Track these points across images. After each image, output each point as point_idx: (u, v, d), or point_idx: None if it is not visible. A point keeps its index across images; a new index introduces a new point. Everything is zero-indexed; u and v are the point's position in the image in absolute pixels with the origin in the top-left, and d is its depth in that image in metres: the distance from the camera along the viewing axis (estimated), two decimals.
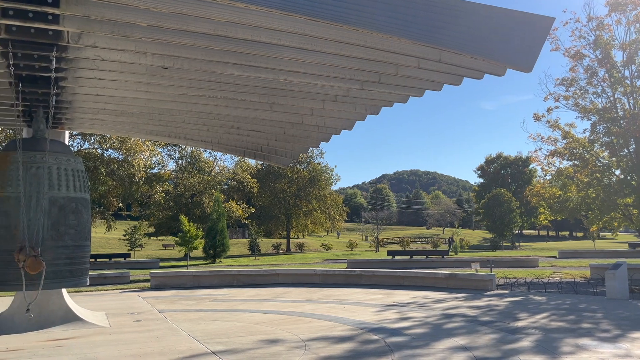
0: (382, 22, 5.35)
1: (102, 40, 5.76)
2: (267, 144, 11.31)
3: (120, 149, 41.56)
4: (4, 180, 6.61)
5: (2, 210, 6.52)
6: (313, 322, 9.95)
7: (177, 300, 14.06)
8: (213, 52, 6.17)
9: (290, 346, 7.85)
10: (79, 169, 7.31)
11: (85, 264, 7.43)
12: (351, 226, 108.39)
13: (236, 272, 18.94)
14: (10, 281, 6.30)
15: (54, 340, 8.53)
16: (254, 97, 8.18)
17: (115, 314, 11.46)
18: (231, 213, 50.28)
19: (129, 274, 20.83)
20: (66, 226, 6.89)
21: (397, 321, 9.96)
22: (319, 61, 6.47)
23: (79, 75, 7.00)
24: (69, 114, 9.34)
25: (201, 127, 10.33)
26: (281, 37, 5.67)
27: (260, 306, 12.39)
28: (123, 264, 33.10)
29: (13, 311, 9.66)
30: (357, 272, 18.06)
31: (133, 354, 7.48)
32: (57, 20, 5.11)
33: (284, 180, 61.73)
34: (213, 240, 40.02)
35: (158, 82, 7.51)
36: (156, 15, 5.09)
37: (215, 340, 8.29)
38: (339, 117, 9.18)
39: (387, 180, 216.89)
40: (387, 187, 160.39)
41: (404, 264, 28.60)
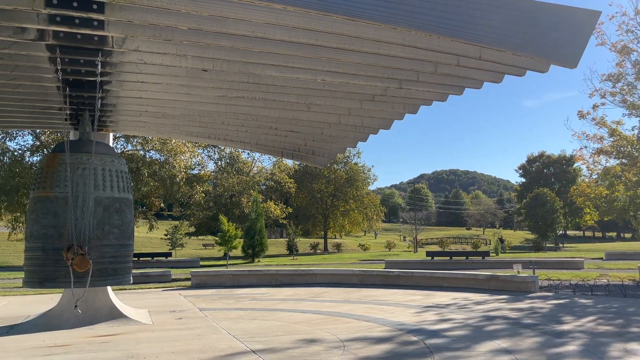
0: (420, 19, 5.30)
1: (144, 44, 5.90)
2: (304, 145, 11.36)
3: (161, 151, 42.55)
4: (52, 181, 6.86)
5: (51, 210, 6.77)
6: (351, 323, 9.92)
7: (217, 298, 14.28)
8: (251, 53, 6.24)
9: (328, 346, 7.85)
10: (123, 170, 7.52)
11: (129, 262, 7.64)
12: (389, 226, 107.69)
13: (274, 272, 19.09)
14: (59, 279, 6.55)
15: (99, 337, 8.80)
16: (292, 98, 8.22)
17: (157, 311, 11.72)
18: (269, 213, 50.78)
19: (171, 273, 21.28)
20: (111, 225, 7.09)
21: (436, 323, 9.82)
22: (357, 61, 6.45)
23: (122, 78, 7.19)
24: (113, 117, 9.61)
25: (240, 128, 10.46)
26: (319, 37, 5.68)
27: (298, 306, 12.44)
28: (165, 262, 33.85)
29: (61, 308, 10.02)
30: (396, 272, 17.91)
31: (175, 351, 7.63)
32: (102, 26, 5.27)
33: (321, 181, 61.88)
34: (252, 240, 40.49)
35: (198, 84, 7.64)
36: (196, 18, 5.19)
37: (255, 339, 8.37)
38: (377, 116, 9.13)
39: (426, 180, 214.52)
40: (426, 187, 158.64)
41: (443, 265, 28.21)
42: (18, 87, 7.47)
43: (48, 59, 6.24)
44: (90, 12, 4.90)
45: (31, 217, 7.06)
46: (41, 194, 6.88)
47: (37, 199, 6.94)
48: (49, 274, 6.61)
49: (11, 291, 17.49)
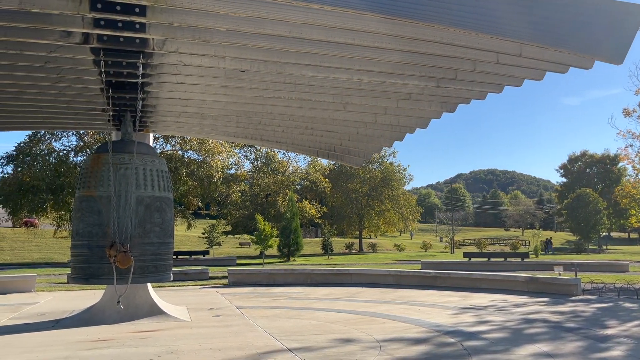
0: (459, 17, 5.22)
1: (184, 46, 6.02)
2: (340, 144, 11.35)
3: (199, 151, 43.29)
4: (96, 181, 7.08)
5: (95, 209, 6.98)
6: (387, 323, 9.87)
7: (253, 297, 14.43)
8: (288, 54, 6.27)
9: (364, 346, 7.83)
10: (163, 170, 7.69)
11: (169, 260, 7.81)
12: (425, 227, 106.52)
13: (310, 271, 19.15)
14: (103, 275, 6.75)
15: (140, 332, 9.02)
16: (328, 98, 8.23)
17: (195, 308, 11.94)
18: (304, 212, 50.94)
19: (208, 271, 21.61)
20: (152, 224, 7.26)
21: (474, 324, 9.67)
22: (394, 59, 6.41)
23: (162, 80, 7.35)
24: (153, 118, 9.84)
25: (276, 128, 10.53)
26: (355, 36, 5.67)
27: (334, 305, 12.45)
28: (202, 261, 34.42)
29: (104, 304, 10.32)
30: (432, 273, 17.71)
31: (213, 347, 7.76)
32: (143, 29, 5.39)
33: (356, 180, 61.69)
34: (287, 239, 40.74)
35: (236, 85, 7.73)
36: (235, 19, 5.25)
37: (291, 338, 8.43)
38: (414, 115, 9.04)
39: (463, 180, 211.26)
40: (463, 187, 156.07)
41: (481, 266, 27.71)
42: (64, 90, 7.73)
43: (92, 62, 6.43)
44: (132, 15, 5.02)
45: (76, 215, 7.30)
46: (86, 193, 7.11)
47: (82, 198, 7.17)
48: (93, 271, 6.83)
49: (57, 286, 18.11)
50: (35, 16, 5.16)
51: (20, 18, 5.17)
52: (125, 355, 7.24)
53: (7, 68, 6.70)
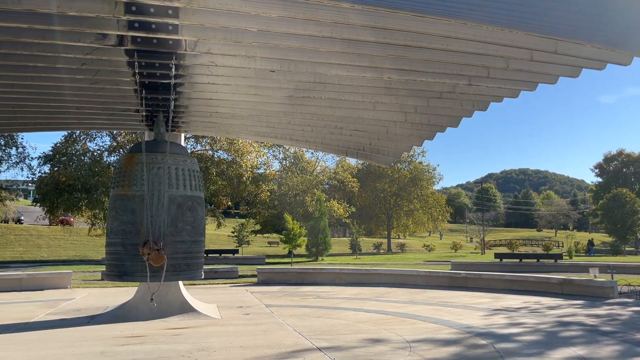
0: (492, 14, 5.15)
1: (215, 46, 6.09)
2: (369, 143, 11.31)
3: (229, 150, 43.77)
4: (130, 180, 7.22)
5: (128, 208, 7.13)
6: (417, 324, 9.78)
7: (282, 295, 14.50)
8: (318, 53, 6.28)
9: (394, 346, 7.78)
10: (195, 169, 7.80)
11: (200, 258, 7.91)
12: (454, 227, 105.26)
13: (338, 271, 19.13)
14: (136, 273, 6.89)
15: (172, 329, 9.17)
16: (357, 97, 8.21)
17: (225, 306, 12.06)
18: (332, 212, 50.97)
19: (238, 269, 21.81)
20: (184, 222, 7.37)
21: (506, 326, 9.50)
22: (425, 57, 6.35)
23: (194, 80, 7.46)
24: (185, 118, 9.98)
25: (306, 127, 10.56)
26: (386, 35, 5.64)
27: (363, 305, 12.41)
28: (232, 259, 34.75)
29: (137, 300, 10.52)
30: (463, 274, 17.48)
31: (243, 345, 7.83)
32: (176, 30, 5.48)
33: (384, 180, 61.39)
34: (315, 239, 40.82)
35: (266, 85, 7.79)
36: (265, 20, 5.29)
37: (320, 337, 8.43)
38: (444, 114, 8.95)
39: (494, 179, 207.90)
40: (494, 186, 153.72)
41: (512, 268, 27.22)
42: (99, 91, 7.92)
43: (126, 63, 6.57)
44: (165, 17, 5.11)
45: (111, 214, 7.47)
46: (120, 192, 7.27)
47: (116, 196, 7.33)
48: (127, 268, 6.97)
49: (91, 283, 18.56)
50: (73, 19, 5.30)
51: (58, 21, 5.32)
52: (157, 352, 7.37)
53: (46, 70, 6.90)
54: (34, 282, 16.18)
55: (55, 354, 7.24)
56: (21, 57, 6.40)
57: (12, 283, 15.87)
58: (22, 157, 42.44)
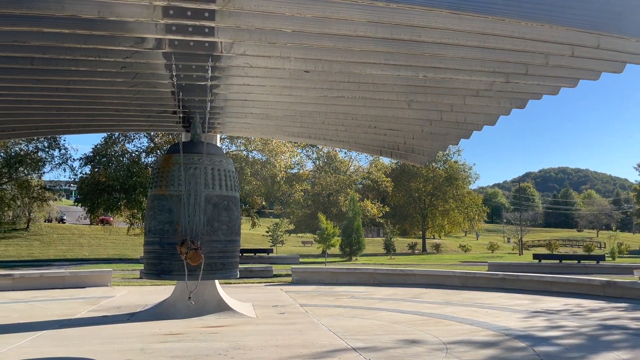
0: (531, 9, 5.03)
1: (250, 48, 6.14)
2: (404, 143, 11.20)
3: (263, 151, 44.21)
4: (167, 180, 7.36)
5: (166, 207, 7.26)
6: (453, 325, 9.65)
7: (316, 295, 14.53)
8: (353, 53, 6.26)
9: (430, 348, 7.70)
10: (230, 170, 7.88)
11: (236, 257, 8.00)
12: (491, 227, 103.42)
13: (373, 271, 19.05)
14: (174, 271, 7.01)
15: (209, 327, 9.31)
16: (392, 96, 8.15)
17: (260, 305, 12.17)
18: (366, 212, 50.84)
19: (272, 269, 21.98)
20: (219, 222, 7.46)
21: (546, 329, 9.27)
22: (461, 55, 6.25)
23: (230, 82, 7.54)
24: (220, 119, 10.11)
25: (339, 127, 10.54)
26: (421, 33, 5.57)
27: (397, 306, 12.32)
28: (266, 258, 35.06)
29: (175, 299, 10.72)
30: (500, 275, 17.15)
31: (278, 344, 7.88)
32: (212, 33, 5.55)
33: (419, 179, 60.82)
34: (349, 238, 40.78)
35: (300, 85, 7.81)
36: (300, 20, 5.30)
37: (355, 337, 8.41)
38: (481, 112, 8.78)
39: (532, 178, 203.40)
40: (532, 186, 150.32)
41: (552, 269, 26.57)
42: (137, 93, 8.10)
43: (164, 66, 6.69)
44: (202, 19, 5.18)
45: (149, 213, 7.63)
46: (158, 192, 7.41)
47: (154, 196, 7.48)
48: (165, 267, 7.11)
49: (130, 281, 19.02)
50: (113, 24, 5.43)
51: (99, 26, 5.46)
52: (195, 350, 7.49)
53: (87, 74, 7.09)
54: (76, 279, 16.70)
55: (97, 350, 7.44)
56: (64, 62, 6.60)
57: (55, 280, 16.42)
58: (65, 158, 43.93)
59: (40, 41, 5.81)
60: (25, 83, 7.49)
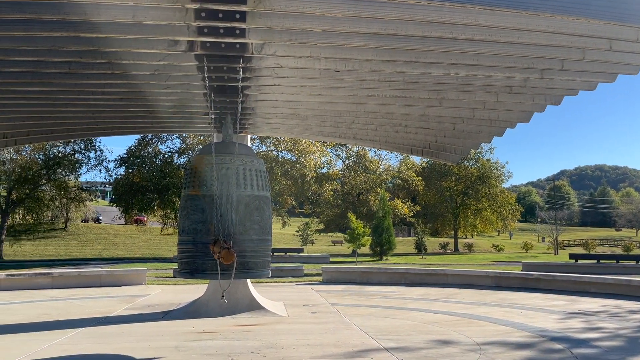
0: (566, 3, 4.91)
1: (281, 48, 6.16)
2: (435, 141, 11.08)
3: (292, 151, 44.40)
4: (200, 180, 7.44)
5: (199, 207, 7.35)
6: (487, 326, 9.50)
7: (347, 295, 14.51)
8: (383, 51, 6.22)
9: (464, 349, 7.60)
10: (261, 170, 7.93)
11: (268, 256, 8.03)
12: (525, 226, 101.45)
13: (404, 270, 18.92)
14: (207, 270, 7.08)
15: (241, 326, 9.40)
16: (423, 94, 8.06)
17: (291, 304, 12.22)
18: (396, 211, 50.50)
19: (303, 268, 22.04)
20: (251, 222, 7.51)
21: (584, 331, 9.04)
22: (494, 52, 6.14)
23: (260, 83, 7.59)
24: (251, 120, 10.19)
25: (370, 126, 10.50)
26: (453, 30, 5.50)
27: (430, 306, 12.20)
28: (297, 258, 35.19)
29: (207, 297, 10.87)
30: (535, 275, 16.81)
31: (310, 343, 7.90)
32: (243, 34, 5.59)
33: (450, 178, 60.08)
34: (379, 238, 40.58)
35: (330, 85, 7.80)
36: (330, 20, 5.30)
37: (387, 337, 8.37)
38: (515, 109, 8.61)
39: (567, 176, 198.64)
40: (567, 184, 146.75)
41: (589, 269, 25.86)
42: (170, 95, 8.23)
43: (196, 68, 6.78)
44: (233, 21, 5.23)
45: (182, 213, 7.73)
46: (191, 192, 7.51)
47: (187, 196, 7.58)
48: (198, 266, 7.19)
49: (164, 280, 19.36)
50: (146, 28, 5.53)
51: (133, 30, 5.57)
52: (228, 348, 7.58)
53: (122, 77, 7.24)
54: (112, 278, 17.10)
55: (133, 348, 7.60)
56: (100, 65, 6.75)
57: (92, 279, 16.85)
58: (100, 159, 45.02)
59: (77, 46, 5.97)
60: (63, 87, 7.70)
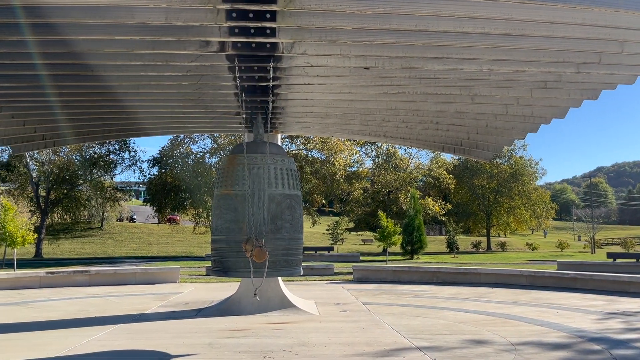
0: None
1: (311, 47, 6.17)
2: (467, 138, 10.92)
3: (322, 149, 44.43)
4: (232, 180, 7.52)
5: (231, 206, 7.43)
6: (522, 326, 9.33)
7: (378, 294, 14.46)
8: (414, 48, 6.16)
9: (498, 349, 7.48)
10: (292, 168, 7.96)
11: (299, 255, 8.06)
12: (560, 225, 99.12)
13: (435, 269, 18.74)
14: (240, 268, 7.16)
15: (272, 324, 9.47)
16: (455, 90, 7.95)
17: (322, 303, 12.25)
18: (427, 210, 49.95)
19: (333, 267, 22.06)
20: (282, 220, 7.55)
21: (623, 332, 8.79)
22: (527, 46, 6.01)
23: (290, 82, 7.62)
24: (281, 119, 10.25)
25: (400, 124, 10.42)
26: (485, 25, 5.40)
27: (462, 305, 12.06)
28: (327, 256, 35.23)
29: (240, 295, 10.99)
30: (571, 274, 16.42)
31: (342, 342, 7.90)
32: (273, 34, 5.62)
33: (482, 176, 59.13)
34: (410, 237, 40.26)
35: (360, 82, 7.78)
36: (360, 17, 5.27)
37: (419, 336, 8.31)
38: (550, 104, 8.42)
39: (604, 173, 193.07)
40: (604, 181, 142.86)
41: (627, 268, 25.09)
42: (202, 96, 8.34)
43: (227, 68, 6.84)
44: (264, 21, 5.26)
45: (215, 212, 7.84)
46: (223, 191, 7.60)
47: (220, 196, 7.68)
48: (231, 264, 7.28)
49: (197, 278, 19.66)
50: (179, 29, 5.62)
51: (166, 32, 5.66)
52: (260, 345, 7.64)
53: (155, 78, 7.38)
54: (146, 276, 17.47)
55: (168, 344, 7.75)
56: (134, 68, 6.89)
57: (128, 277, 17.24)
58: (134, 160, 46.09)
59: (112, 48, 6.10)
60: (98, 89, 7.89)
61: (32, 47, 5.95)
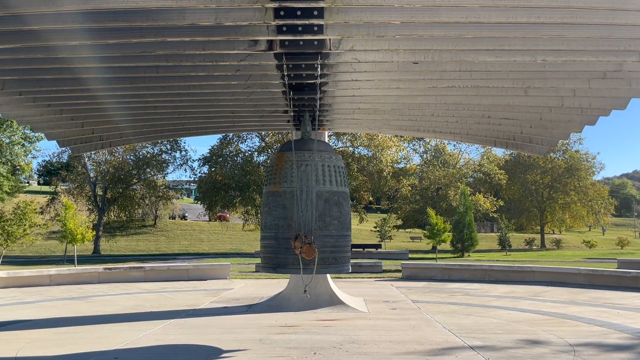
0: None
1: (358, 43, 6.13)
2: (520, 132, 10.59)
3: (369, 146, 44.26)
4: (281, 177, 7.60)
5: (280, 203, 7.51)
6: (580, 326, 8.98)
7: (428, 292, 14.25)
8: (464, 40, 6.01)
9: (555, 349, 7.22)
10: (339, 166, 7.95)
11: (347, 252, 8.05)
12: (620, 221, 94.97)
13: (487, 267, 18.30)
14: (289, 265, 7.24)
15: (322, 321, 9.50)
16: (507, 83, 7.72)
17: (371, 300, 12.18)
18: (478, 206, 48.86)
19: (382, 264, 21.91)
20: (330, 217, 7.56)
21: None
22: (585, 35, 5.76)
23: (338, 79, 7.59)
24: (329, 116, 10.25)
25: (450, 119, 10.22)
26: (540, 14, 5.21)
27: (516, 304, 11.72)
28: (375, 254, 35.06)
29: (289, 292, 11.08)
30: (633, 273, 15.65)
31: (392, 340, 7.83)
32: (321, 31, 5.61)
33: (535, 171, 57.31)
34: (461, 234, 39.49)
35: (408, 77, 7.67)
36: (409, 11, 5.19)
37: (472, 335, 8.13)
38: (609, 95, 8.03)
39: None
40: None
41: None
42: (251, 94, 8.44)
43: (275, 67, 6.89)
44: (311, 18, 5.26)
45: (264, 209, 7.94)
46: (272, 189, 7.69)
47: (269, 193, 7.77)
48: (280, 261, 7.36)
49: (247, 275, 19.98)
50: (228, 29, 5.70)
51: (216, 32, 5.76)
52: (310, 342, 7.68)
53: (205, 78, 7.52)
54: (198, 272, 17.90)
55: (220, 339, 7.90)
56: (184, 68, 7.05)
57: (180, 273, 17.73)
58: (185, 159, 47.45)
59: (164, 50, 6.26)
60: (151, 90, 8.13)
61: (89, 51, 6.19)
